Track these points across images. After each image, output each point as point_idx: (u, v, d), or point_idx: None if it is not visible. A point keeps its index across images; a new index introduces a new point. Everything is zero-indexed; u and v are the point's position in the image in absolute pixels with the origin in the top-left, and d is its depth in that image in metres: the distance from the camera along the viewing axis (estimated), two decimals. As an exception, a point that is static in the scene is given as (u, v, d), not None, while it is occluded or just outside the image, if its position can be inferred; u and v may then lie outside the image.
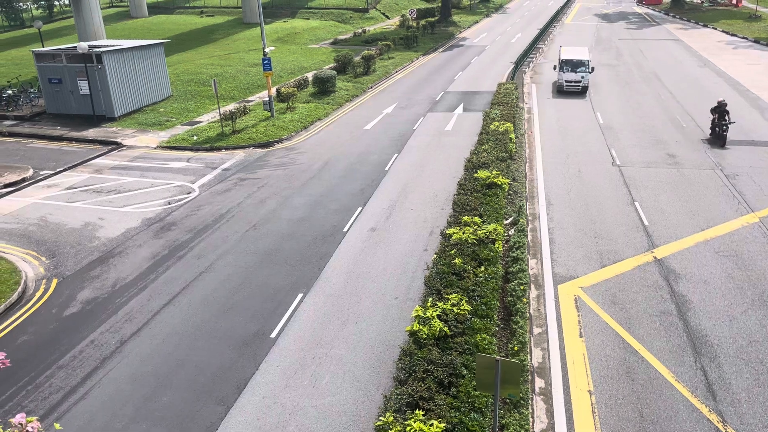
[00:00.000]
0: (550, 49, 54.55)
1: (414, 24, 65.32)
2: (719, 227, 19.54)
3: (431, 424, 9.75)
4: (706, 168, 24.66)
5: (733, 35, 59.31)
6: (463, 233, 16.13)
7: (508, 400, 11.61)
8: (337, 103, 36.93)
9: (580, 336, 14.41)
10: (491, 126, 26.18)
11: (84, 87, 33.29)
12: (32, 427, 2.89)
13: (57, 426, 3.01)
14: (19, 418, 2.92)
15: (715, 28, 63.92)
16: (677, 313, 15.12)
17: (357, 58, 45.19)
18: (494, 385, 9.72)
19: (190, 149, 29.52)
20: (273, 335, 14.75)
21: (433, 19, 67.67)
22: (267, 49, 33.65)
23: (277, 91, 36.49)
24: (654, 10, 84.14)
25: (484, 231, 16.26)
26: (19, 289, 17.05)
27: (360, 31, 64.15)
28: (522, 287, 15.24)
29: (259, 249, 19.10)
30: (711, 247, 18.27)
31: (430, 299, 13.37)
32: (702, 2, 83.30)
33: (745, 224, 19.71)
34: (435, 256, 15.78)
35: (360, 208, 21.83)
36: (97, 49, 33.17)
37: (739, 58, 47.96)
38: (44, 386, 13.32)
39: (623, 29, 66.99)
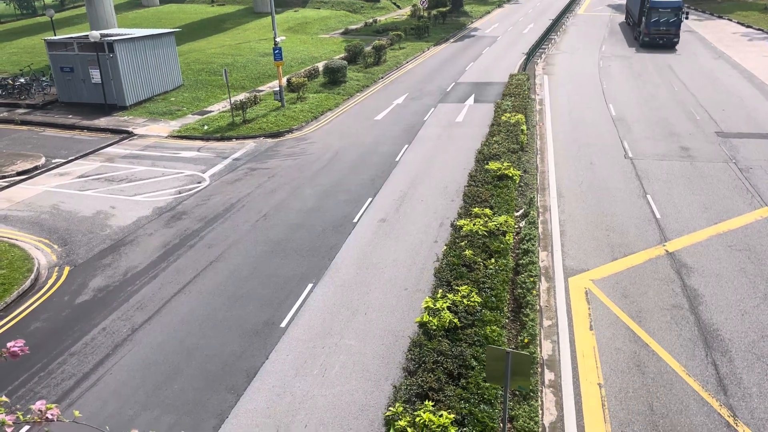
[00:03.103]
0: (562, 41, 54.12)
1: (425, 14, 64.96)
2: (732, 221, 19.39)
3: (441, 415, 9.77)
4: (719, 161, 24.44)
5: (748, 27, 58.57)
6: (474, 225, 16.10)
7: (517, 392, 11.62)
8: (348, 94, 36.85)
9: (591, 329, 14.37)
10: (502, 117, 26.05)
11: (96, 76, 33.39)
12: (52, 414, 2.91)
13: (76, 413, 3.04)
14: (39, 404, 2.94)
15: (730, 20, 63.14)
16: (689, 306, 15.04)
17: (368, 48, 45.03)
18: (504, 376, 9.71)
19: (201, 139, 29.59)
20: (283, 325, 14.81)
21: (444, 9, 67.25)
22: (278, 39, 33.62)
23: (288, 81, 36.44)
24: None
25: (495, 223, 16.22)
26: (32, 276, 17.20)
27: (371, 20, 63.89)
28: (532, 279, 15.21)
29: (269, 239, 19.15)
30: (724, 241, 18.14)
31: (440, 291, 13.37)
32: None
33: (759, 218, 19.53)
34: (445, 247, 15.76)
35: (370, 199, 21.82)
36: (109, 38, 33.24)
37: (755, 50, 47.38)
38: (57, 372, 13.45)
39: (637, 20, 66.23)
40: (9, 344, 3.08)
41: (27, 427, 3.06)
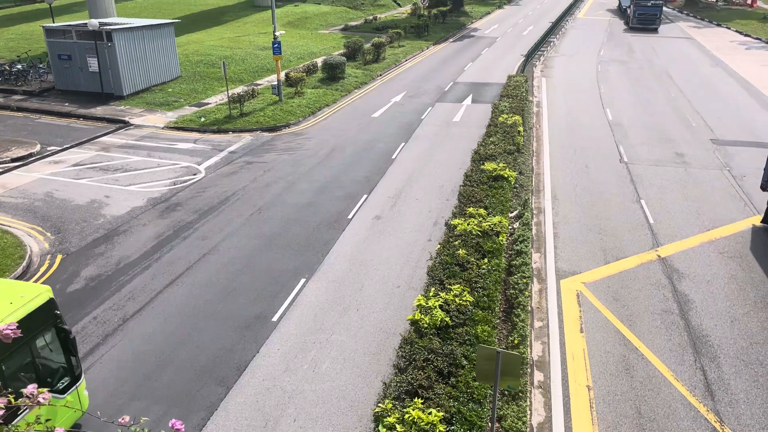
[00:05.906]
0: (561, 43, 54.20)
1: (425, 13, 64.93)
2: (725, 228, 19.49)
3: (430, 413, 9.81)
4: (713, 168, 24.56)
5: (746, 35, 58.83)
6: (468, 225, 16.13)
7: (507, 392, 11.67)
8: (346, 90, 36.82)
9: (581, 331, 14.43)
10: (500, 118, 26.09)
11: (93, 64, 33.23)
12: (43, 398, 2.92)
13: (68, 398, 3.04)
14: (30, 388, 2.94)
15: (729, 28, 63.39)
16: (679, 312, 15.12)
17: (367, 45, 44.99)
18: (494, 376, 9.75)
19: (198, 131, 29.50)
20: (275, 319, 14.81)
21: (444, 9, 67.23)
22: (277, 33, 33.52)
23: (286, 75, 36.39)
24: (668, 7, 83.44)
25: (489, 223, 16.25)
26: (24, 263, 17.13)
27: (371, 18, 63.85)
28: (524, 280, 15.25)
29: (263, 233, 19.14)
30: (715, 248, 18.24)
31: (433, 289, 13.40)
32: (716, 1, 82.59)
33: (751, 225, 19.64)
34: (439, 246, 15.79)
35: (365, 196, 21.83)
36: (108, 27, 33.09)
37: (752, 59, 47.59)
38: (46, 360, 13.40)
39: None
40: (1, 327, 3.08)
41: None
